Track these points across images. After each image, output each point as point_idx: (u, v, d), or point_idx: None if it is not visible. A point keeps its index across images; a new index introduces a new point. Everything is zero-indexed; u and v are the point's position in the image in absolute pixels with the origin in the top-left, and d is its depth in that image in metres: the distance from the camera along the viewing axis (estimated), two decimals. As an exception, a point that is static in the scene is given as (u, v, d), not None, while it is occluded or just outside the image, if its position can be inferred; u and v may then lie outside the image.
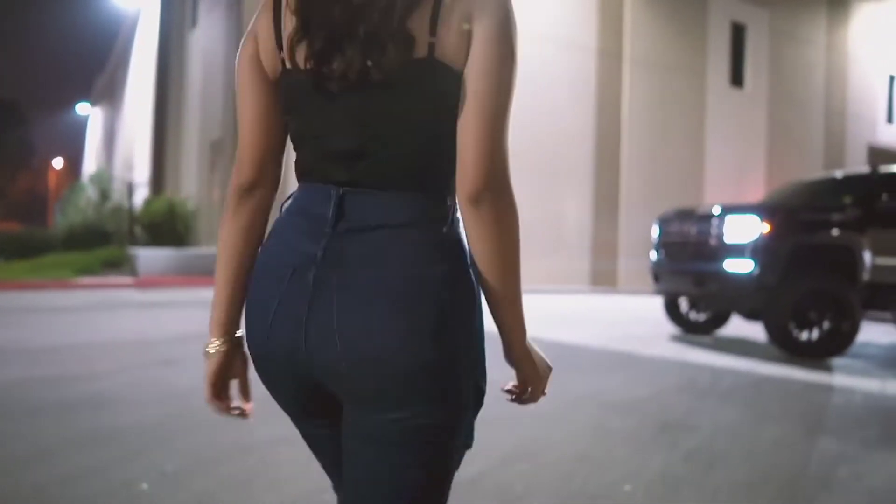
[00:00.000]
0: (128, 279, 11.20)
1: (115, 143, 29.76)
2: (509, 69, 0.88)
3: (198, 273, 11.32)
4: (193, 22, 15.63)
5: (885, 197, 6.14)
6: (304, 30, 0.83)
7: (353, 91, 0.84)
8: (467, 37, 0.85)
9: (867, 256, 5.93)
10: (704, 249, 6.20)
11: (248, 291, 0.93)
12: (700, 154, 17.70)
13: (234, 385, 1.02)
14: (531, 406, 1.04)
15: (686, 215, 6.62)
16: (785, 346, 5.77)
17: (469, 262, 0.89)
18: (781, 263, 5.72)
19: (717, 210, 6.15)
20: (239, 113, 0.93)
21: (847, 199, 6.24)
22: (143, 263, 11.43)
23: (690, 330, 7.46)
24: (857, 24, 22.27)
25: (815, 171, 15.16)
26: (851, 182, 6.80)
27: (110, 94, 33.29)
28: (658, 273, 6.93)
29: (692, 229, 6.43)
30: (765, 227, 5.79)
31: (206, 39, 14.27)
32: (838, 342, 5.73)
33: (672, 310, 7.45)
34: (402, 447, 0.85)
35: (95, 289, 10.43)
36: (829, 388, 4.78)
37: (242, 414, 1.01)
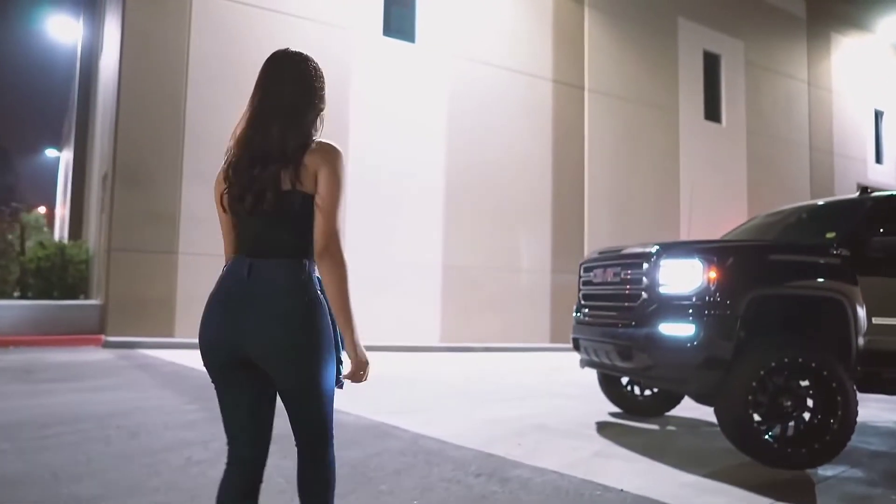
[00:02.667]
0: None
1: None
2: (337, 191, 1.79)
3: (62, 330, 9.43)
4: (101, 48, 14.22)
5: (882, 230, 4.38)
6: (228, 187, 1.84)
7: (254, 215, 1.81)
8: (314, 178, 1.79)
9: (862, 314, 4.14)
10: (631, 307, 4.40)
11: (206, 307, 1.85)
12: (674, 192, 16.08)
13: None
14: None
15: (610, 258, 4.83)
16: (746, 448, 3.91)
17: (319, 294, 1.81)
18: (733, 326, 3.92)
19: (649, 250, 4.37)
20: (220, 224, 1.93)
21: (832, 235, 4.47)
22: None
23: (633, 410, 5.60)
24: (838, 57, 21.08)
25: (799, 210, 13.53)
26: (838, 211, 5.04)
27: (69, 136, 31.89)
28: (577, 339, 5.10)
29: (616, 278, 4.64)
30: (710, 274, 4.01)
31: (105, 66, 12.83)
32: (824, 444, 3.87)
33: (608, 383, 5.60)
34: (307, 392, 1.79)
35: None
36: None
37: None
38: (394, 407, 5.39)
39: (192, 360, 8.64)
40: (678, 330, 4.04)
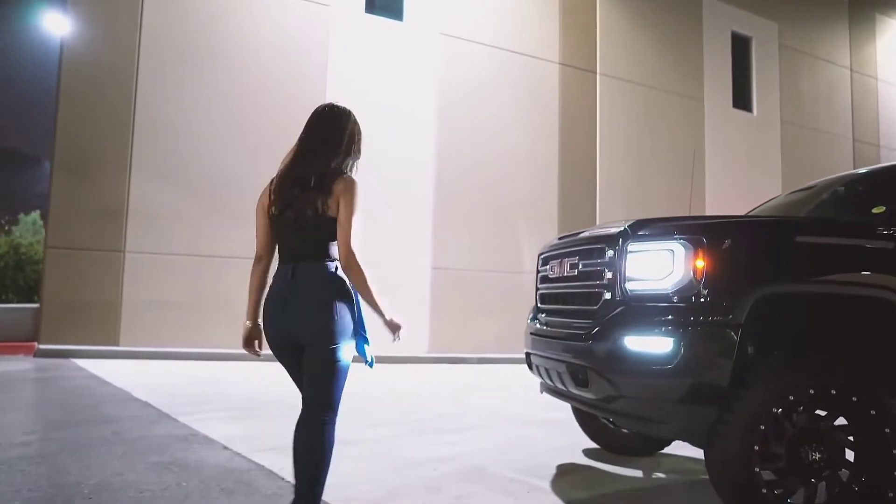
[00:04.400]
0: None
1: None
2: (352, 215, 2.29)
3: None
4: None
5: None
6: (274, 202, 2.36)
7: (294, 227, 2.32)
8: (338, 204, 2.29)
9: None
10: (589, 312, 3.10)
11: (263, 304, 2.41)
12: (699, 187, 14.56)
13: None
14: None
15: (569, 244, 3.52)
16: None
17: (346, 288, 2.36)
18: (732, 339, 2.59)
19: (613, 230, 3.06)
20: (256, 227, 2.44)
21: (881, 209, 3.11)
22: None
23: (615, 447, 4.28)
24: (884, 42, 19.23)
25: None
26: (889, 178, 3.62)
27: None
28: (529, 355, 3.80)
29: (573, 271, 3.33)
30: (697, 263, 2.69)
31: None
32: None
33: (581, 411, 4.28)
34: (331, 363, 2.29)
35: None
36: None
37: (256, 354, 2.47)
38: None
39: (128, 372, 7.68)
40: (651, 345, 2.72)
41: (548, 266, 3.75)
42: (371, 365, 2.43)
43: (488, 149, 11.66)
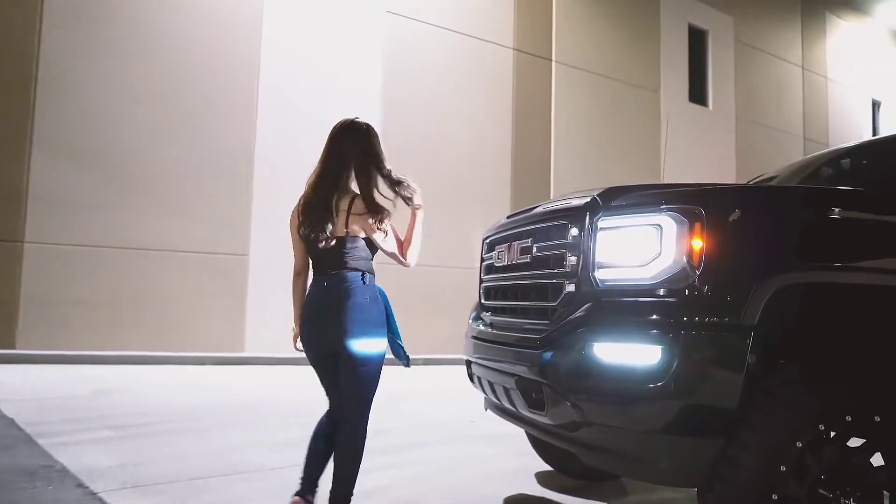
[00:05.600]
0: None
1: None
2: (385, 232, 2.59)
3: None
4: None
5: None
6: (301, 224, 2.56)
7: (322, 247, 2.48)
8: (362, 222, 2.52)
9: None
10: (547, 310, 2.37)
11: (301, 312, 2.61)
12: (655, 180, 14.14)
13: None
14: None
15: (520, 222, 2.79)
16: None
17: (370, 296, 2.57)
18: (741, 347, 1.91)
19: (579, 201, 2.34)
20: (292, 244, 2.67)
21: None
22: None
23: (575, 471, 3.59)
24: (834, 41, 19.30)
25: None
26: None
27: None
28: (471, 362, 3.06)
29: (525, 256, 2.60)
30: (694, 243, 1.98)
31: None
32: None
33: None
34: (358, 367, 2.47)
35: None
36: None
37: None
38: (212, 462, 3.33)
39: (17, 380, 6.54)
40: (630, 355, 2.01)
41: (494, 252, 3.01)
42: (408, 364, 2.70)
43: (437, 134, 10.91)
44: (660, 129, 14.51)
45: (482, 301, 3.17)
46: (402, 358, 2.65)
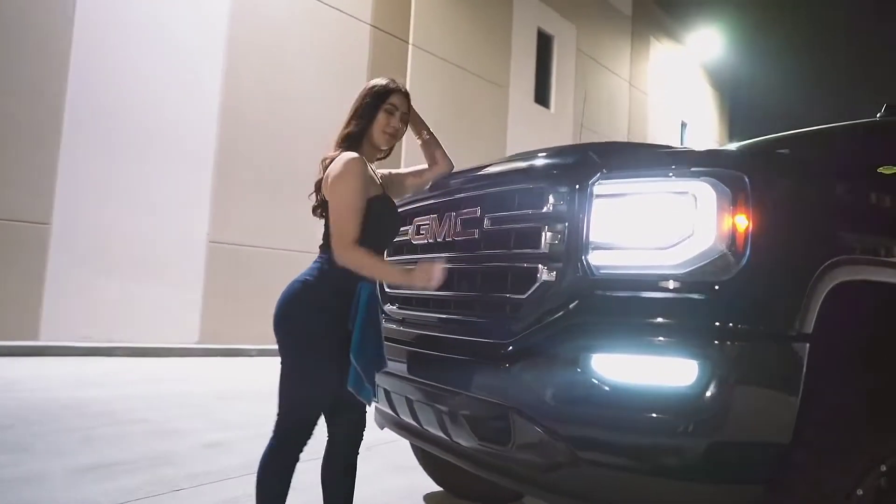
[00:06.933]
0: None
1: None
2: (336, 199, 1.89)
3: None
4: None
5: None
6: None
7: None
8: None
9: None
10: (515, 306, 1.74)
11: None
12: (500, 178, 14.19)
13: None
14: None
15: (468, 185, 2.11)
16: None
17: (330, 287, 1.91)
18: (798, 362, 1.42)
19: (567, 158, 1.74)
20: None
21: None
22: None
23: (465, 493, 3.01)
24: (655, 62, 21.01)
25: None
26: None
27: None
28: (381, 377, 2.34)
29: (473, 233, 1.95)
30: (737, 222, 1.46)
31: None
32: None
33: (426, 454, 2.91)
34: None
35: None
36: None
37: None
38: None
39: None
40: (647, 372, 1.45)
41: (411, 227, 2.31)
42: (370, 402, 1.98)
43: (285, 108, 9.83)
44: (506, 125, 14.61)
45: (386, 289, 2.45)
46: (359, 388, 2.15)
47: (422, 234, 2.17)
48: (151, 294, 8.30)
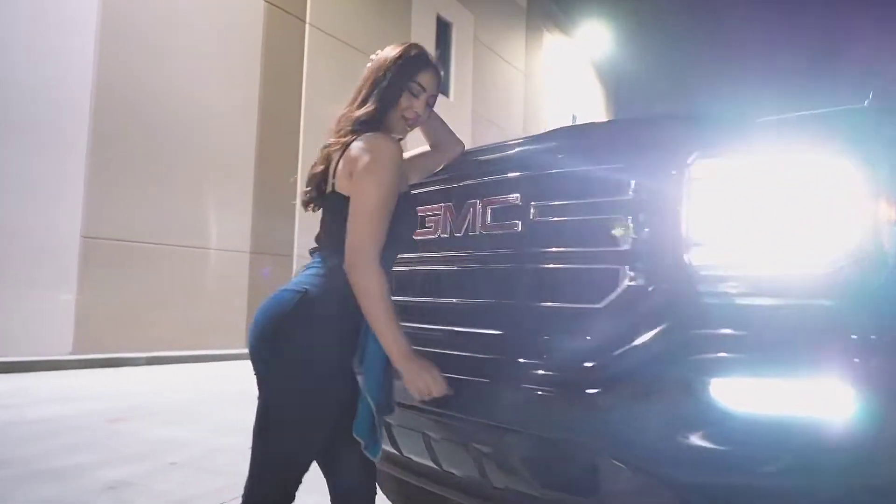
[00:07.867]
0: None
1: None
2: (364, 197, 1.41)
3: None
4: None
5: None
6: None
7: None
8: (350, 177, 1.45)
9: None
10: (582, 314, 1.36)
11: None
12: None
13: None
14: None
15: (499, 166, 1.69)
16: None
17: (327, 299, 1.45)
18: None
19: (643, 130, 1.38)
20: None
21: None
22: None
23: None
24: (548, 55, 21.41)
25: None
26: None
27: None
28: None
29: (514, 221, 1.55)
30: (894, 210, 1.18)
31: None
32: None
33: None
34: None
35: None
36: None
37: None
38: None
39: None
40: (784, 401, 1.13)
41: (431, 212, 1.86)
42: (376, 457, 1.51)
43: (168, 87, 8.83)
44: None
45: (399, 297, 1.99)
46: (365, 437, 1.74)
47: (433, 228, 1.74)
48: (13, 297, 7.15)
